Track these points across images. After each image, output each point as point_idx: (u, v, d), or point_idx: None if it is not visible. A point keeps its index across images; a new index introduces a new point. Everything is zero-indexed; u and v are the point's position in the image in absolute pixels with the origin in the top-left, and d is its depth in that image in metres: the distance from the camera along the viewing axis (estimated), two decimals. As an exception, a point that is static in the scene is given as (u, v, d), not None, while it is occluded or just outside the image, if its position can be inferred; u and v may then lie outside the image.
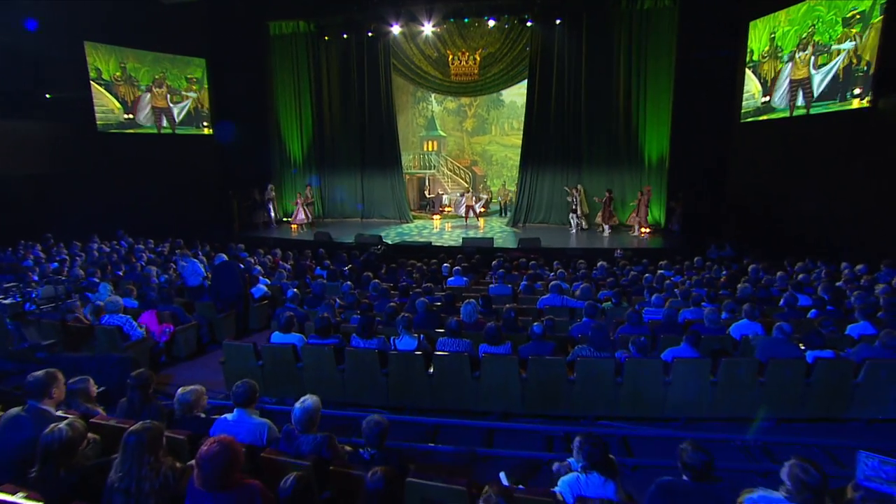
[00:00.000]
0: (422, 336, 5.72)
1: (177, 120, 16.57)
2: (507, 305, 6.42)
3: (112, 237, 12.87)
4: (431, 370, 5.42)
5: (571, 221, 15.47)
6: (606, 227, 14.84)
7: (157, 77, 15.91)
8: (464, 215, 17.42)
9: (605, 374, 5.27)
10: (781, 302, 7.38)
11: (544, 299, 7.82)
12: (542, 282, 9.31)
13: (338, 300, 7.50)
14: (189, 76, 16.58)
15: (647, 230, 14.48)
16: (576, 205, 15.31)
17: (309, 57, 17.26)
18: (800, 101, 11.22)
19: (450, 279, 9.57)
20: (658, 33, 14.65)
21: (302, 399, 3.47)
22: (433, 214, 18.78)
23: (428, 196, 19.75)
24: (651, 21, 14.72)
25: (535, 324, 5.56)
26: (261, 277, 9.45)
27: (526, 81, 16.16)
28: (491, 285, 8.93)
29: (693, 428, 5.24)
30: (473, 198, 18.03)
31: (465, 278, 9.52)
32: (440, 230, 16.41)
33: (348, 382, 5.62)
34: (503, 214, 19.52)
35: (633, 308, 7.68)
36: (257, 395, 3.71)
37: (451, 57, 17.27)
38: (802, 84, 11.06)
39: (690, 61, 13.93)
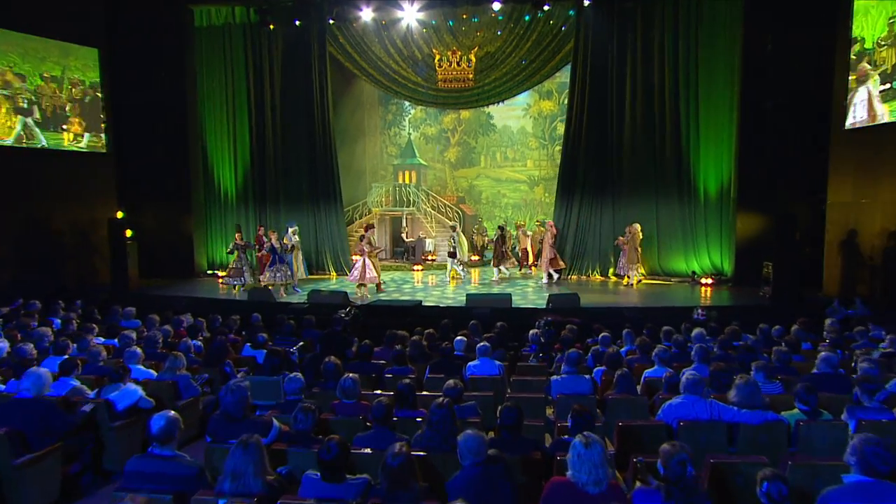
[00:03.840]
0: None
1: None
2: (668, 446, 3.04)
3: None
4: None
5: (457, 268, 13.80)
6: (500, 269, 13.62)
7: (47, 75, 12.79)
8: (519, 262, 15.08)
9: None
10: None
11: (675, 407, 4.50)
12: (626, 369, 6.03)
13: (276, 423, 3.97)
14: (46, 73, 12.80)
15: (636, 278, 12.41)
16: (454, 247, 13.67)
17: (247, 55, 14.19)
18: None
19: (470, 364, 6.20)
20: (713, 21, 12.38)
21: None
22: (414, 265, 15.51)
23: (406, 241, 16.44)
24: (702, 6, 12.45)
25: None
26: (140, 366, 5.83)
27: (527, 95, 13.52)
28: (553, 377, 5.59)
29: None
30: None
31: (497, 362, 6.17)
32: (424, 285, 13.55)
33: None
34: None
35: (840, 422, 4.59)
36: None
37: (437, 58, 14.48)
38: None
39: (761, 56, 11.55)
